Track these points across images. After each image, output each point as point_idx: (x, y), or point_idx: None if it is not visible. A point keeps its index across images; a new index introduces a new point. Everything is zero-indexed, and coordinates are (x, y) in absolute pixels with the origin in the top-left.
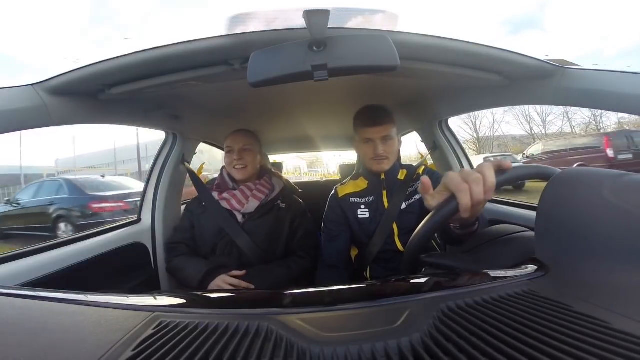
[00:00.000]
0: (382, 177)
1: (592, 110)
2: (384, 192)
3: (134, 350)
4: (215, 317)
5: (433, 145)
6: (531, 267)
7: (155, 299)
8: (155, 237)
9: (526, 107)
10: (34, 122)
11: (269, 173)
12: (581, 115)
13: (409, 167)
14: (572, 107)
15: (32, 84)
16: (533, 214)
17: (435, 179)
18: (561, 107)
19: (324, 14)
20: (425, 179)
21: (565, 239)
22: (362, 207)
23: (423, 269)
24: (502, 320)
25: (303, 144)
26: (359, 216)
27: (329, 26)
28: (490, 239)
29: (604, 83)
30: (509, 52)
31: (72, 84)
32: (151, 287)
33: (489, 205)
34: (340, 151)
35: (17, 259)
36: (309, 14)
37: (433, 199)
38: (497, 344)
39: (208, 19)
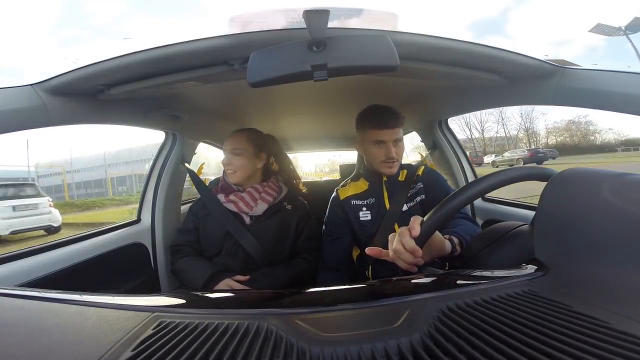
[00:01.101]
0: (384, 178)
1: (524, 117)
2: (385, 193)
3: (134, 350)
4: (215, 317)
5: (433, 145)
6: (531, 267)
7: (155, 299)
8: (155, 237)
9: (467, 115)
10: (33, 122)
11: (275, 174)
12: (514, 122)
13: (408, 167)
14: (508, 115)
15: (31, 84)
16: (531, 213)
17: (436, 179)
18: (497, 114)
19: (324, 14)
20: (370, 250)
21: (565, 238)
22: (364, 209)
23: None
24: (502, 320)
25: (303, 143)
26: (361, 218)
27: (328, 26)
28: (488, 243)
29: (604, 83)
30: (509, 52)
31: (72, 84)
32: (151, 287)
33: (487, 205)
34: (340, 151)
35: (17, 259)
36: (308, 14)
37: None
38: (497, 344)
39: (191, 21)
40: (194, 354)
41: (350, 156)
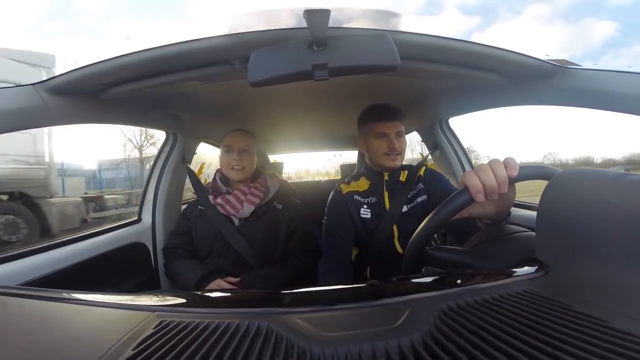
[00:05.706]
0: (385, 177)
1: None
2: (386, 193)
3: (134, 350)
4: (215, 317)
5: (433, 145)
6: (531, 267)
7: (155, 298)
8: (156, 236)
9: None
10: (34, 122)
11: (264, 174)
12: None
13: (409, 168)
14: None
15: (32, 84)
16: (533, 214)
17: (437, 179)
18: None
19: (325, 13)
20: None
21: (566, 239)
22: (365, 206)
23: (424, 269)
24: (503, 320)
25: (303, 143)
26: (362, 215)
27: (329, 25)
28: (493, 237)
29: (605, 83)
30: (509, 52)
31: (73, 84)
32: (151, 286)
33: None
34: (341, 151)
35: (17, 258)
36: (309, 14)
37: None
38: (498, 343)
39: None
40: (194, 354)
41: (350, 156)
